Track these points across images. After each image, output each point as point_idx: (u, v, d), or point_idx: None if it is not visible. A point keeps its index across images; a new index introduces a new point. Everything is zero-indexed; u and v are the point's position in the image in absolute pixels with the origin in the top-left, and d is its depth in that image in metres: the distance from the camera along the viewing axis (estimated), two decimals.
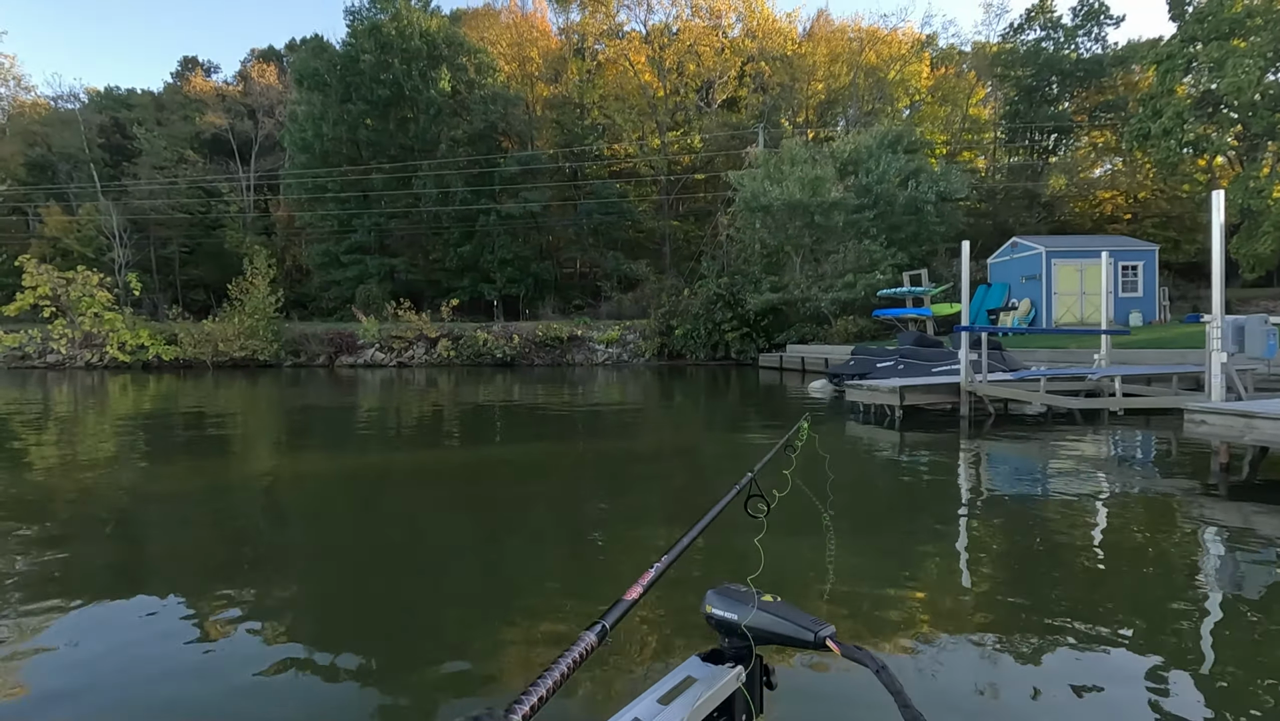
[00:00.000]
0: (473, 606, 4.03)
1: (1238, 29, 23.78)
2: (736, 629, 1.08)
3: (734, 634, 1.09)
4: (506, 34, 46.56)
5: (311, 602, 4.19)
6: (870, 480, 7.28)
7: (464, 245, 39.84)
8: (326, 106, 39.05)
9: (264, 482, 7.68)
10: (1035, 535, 5.05)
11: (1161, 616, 3.62)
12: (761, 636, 1.07)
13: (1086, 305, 22.06)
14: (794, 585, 4.06)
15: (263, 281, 30.86)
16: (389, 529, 5.70)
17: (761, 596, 1.11)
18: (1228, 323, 6.34)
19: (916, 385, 10.93)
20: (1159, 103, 25.60)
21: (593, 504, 6.58)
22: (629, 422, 12.95)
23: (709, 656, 1.12)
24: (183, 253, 46.17)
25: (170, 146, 47.31)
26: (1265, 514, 5.28)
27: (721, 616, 1.10)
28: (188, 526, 5.85)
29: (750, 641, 1.09)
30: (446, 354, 30.93)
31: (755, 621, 1.07)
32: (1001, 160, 45.68)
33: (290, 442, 11.04)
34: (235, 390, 20.45)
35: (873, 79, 43.17)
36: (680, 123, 45.18)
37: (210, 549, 5.18)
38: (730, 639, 1.11)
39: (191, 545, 5.30)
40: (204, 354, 30.23)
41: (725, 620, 1.09)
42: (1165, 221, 38.11)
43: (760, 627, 1.06)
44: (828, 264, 26.30)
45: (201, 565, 4.80)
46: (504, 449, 10.02)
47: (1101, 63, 39.90)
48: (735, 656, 1.11)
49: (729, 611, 1.09)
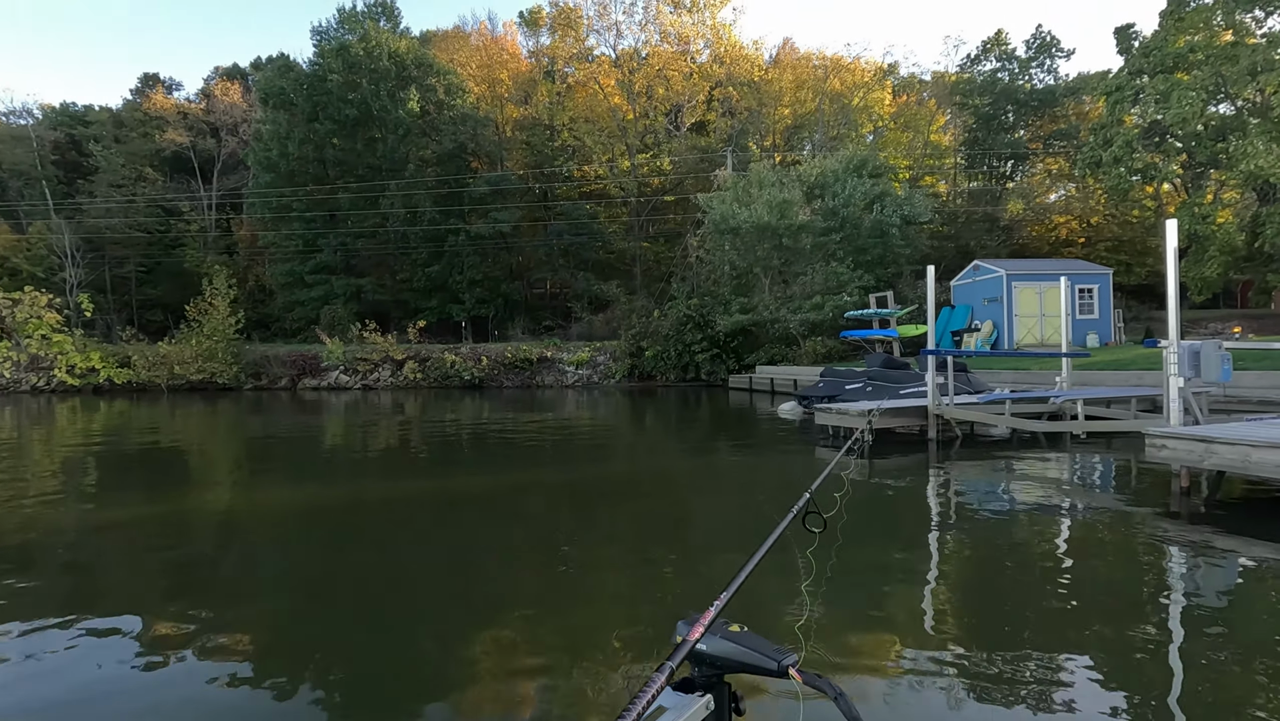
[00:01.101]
0: (444, 637, 3.91)
1: (1181, 63, 24.91)
2: (705, 658, 1.10)
3: (703, 663, 1.11)
4: (476, 56, 46.67)
5: (273, 638, 4.01)
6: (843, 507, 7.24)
7: (432, 265, 39.45)
8: (292, 125, 38.56)
9: (222, 514, 7.37)
10: (1003, 560, 5.05)
11: (1126, 641, 3.62)
12: (727, 665, 1.10)
13: (1046, 327, 22.62)
14: (762, 611, 4.01)
15: (222, 302, 30.10)
16: (353, 559, 5.50)
17: (728, 626, 1.14)
18: (1184, 348, 6.50)
19: (885, 408, 11.01)
20: (1109, 132, 26.60)
21: (564, 531, 6.43)
22: (600, 446, 12.80)
23: (679, 685, 1.13)
24: (140, 272, 44.90)
25: (129, 164, 46.19)
26: (1224, 536, 5.36)
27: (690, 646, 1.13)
28: (140, 561, 5.54)
29: (720, 670, 1.11)
30: (413, 376, 30.43)
31: (721, 650, 1.09)
32: (962, 185, 47.02)
33: (250, 470, 10.65)
34: (192, 415, 19.77)
35: (837, 105, 44.21)
36: (650, 145, 45.62)
37: (164, 584, 4.93)
38: (700, 667, 1.13)
39: (144, 582, 5.01)
40: (159, 377, 29.27)
41: (694, 650, 1.10)
42: (1117, 245, 39.56)
43: (726, 656, 1.09)
44: (796, 285, 26.60)
45: (155, 601, 4.56)
46: (472, 475, 9.79)
47: (1054, 93, 41.51)
48: (705, 685, 1.13)
49: (689, 650, 1.11)
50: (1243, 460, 5.37)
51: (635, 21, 44.57)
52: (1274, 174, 21.83)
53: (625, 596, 4.65)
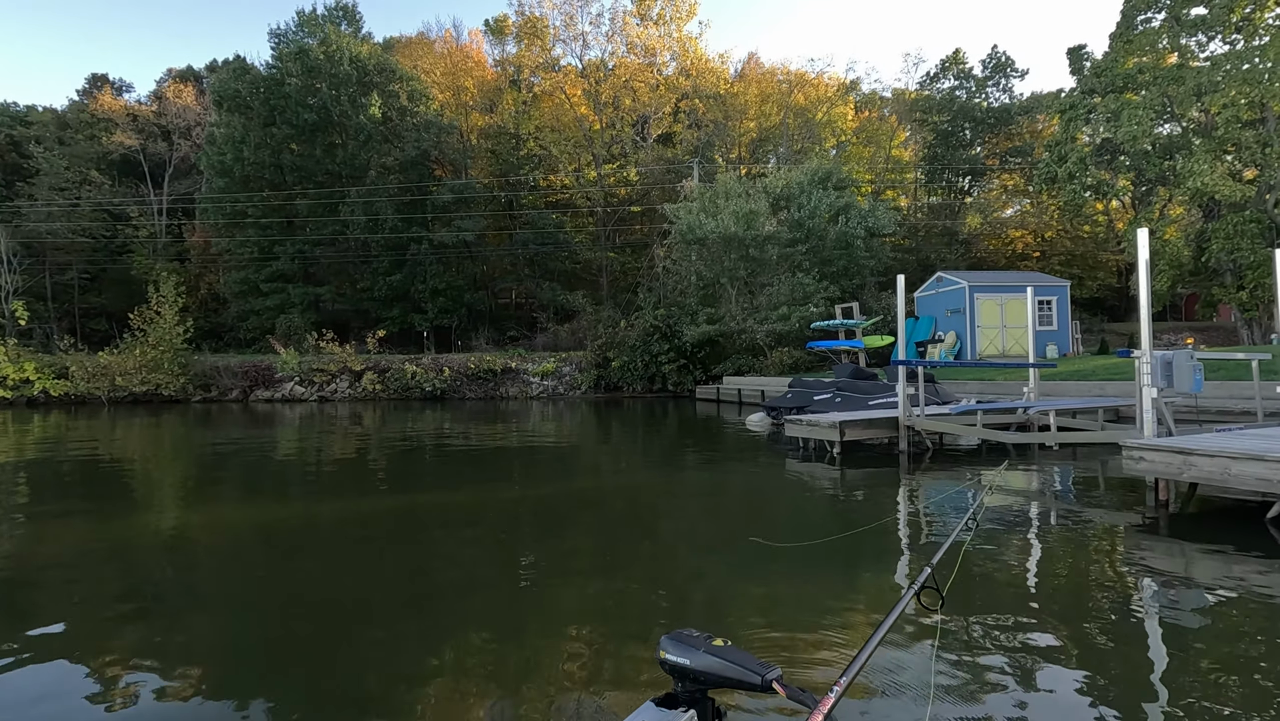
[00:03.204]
0: (399, 665, 3.63)
1: (1130, 83, 25.75)
2: (689, 673, 1.10)
3: (686, 678, 1.11)
4: (441, 63, 46.05)
5: (222, 666, 3.70)
6: (819, 521, 7.02)
7: (394, 274, 38.57)
8: (248, 129, 37.41)
9: (165, 536, 6.82)
10: (980, 573, 4.86)
11: (1104, 654, 3.51)
12: (711, 680, 1.09)
13: (1007, 338, 23.00)
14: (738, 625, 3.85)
15: (169, 309, 28.82)
16: (304, 581, 5.15)
17: (712, 641, 1.12)
18: (1157, 358, 6.46)
19: (856, 420, 10.88)
20: (1064, 149, 27.33)
21: (527, 551, 6.06)
22: (565, 459, 12.41)
23: (663, 701, 1.12)
24: (84, 279, 43.00)
25: (73, 166, 44.27)
26: (1201, 549, 5.26)
27: (674, 661, 1.11)
28: (73, 588, 5.00)
29: (703, 685, 1.10)
30: (372, 387, 29.55)
31: (705, 665, 1.08)
32: (922, 199, 48.01)
33: (195, 487, 9.99)
34: (134, 429, 18.76)
35: (801, 119, 44.77)
36: (616, 155, 45.52)
37: (102, 614, 4.45)
38: (683, 683, 1.12)
39: (80, 612, 4.48)
40: (99, 388, 27.85)
41: (678, 665, 1.10)
42: (1070, 259, 40.83)
43: (710, 671, 1.08)
44: (762, 296, 26.62)
45: (92, 632, 4.16)
46: (431, 491, 9.32)
47: (1009, 111, 42.75)
48: (689, 700, 1.12)
49: (681, 656, 1.10)
50: (1222, 472, 5.29)
51: (602, 32, 44.63)
52: (1217, 191, 22.62)
53: (589, 614, 4.46)
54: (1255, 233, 23.27)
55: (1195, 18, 24.76)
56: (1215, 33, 24.87)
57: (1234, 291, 24.79)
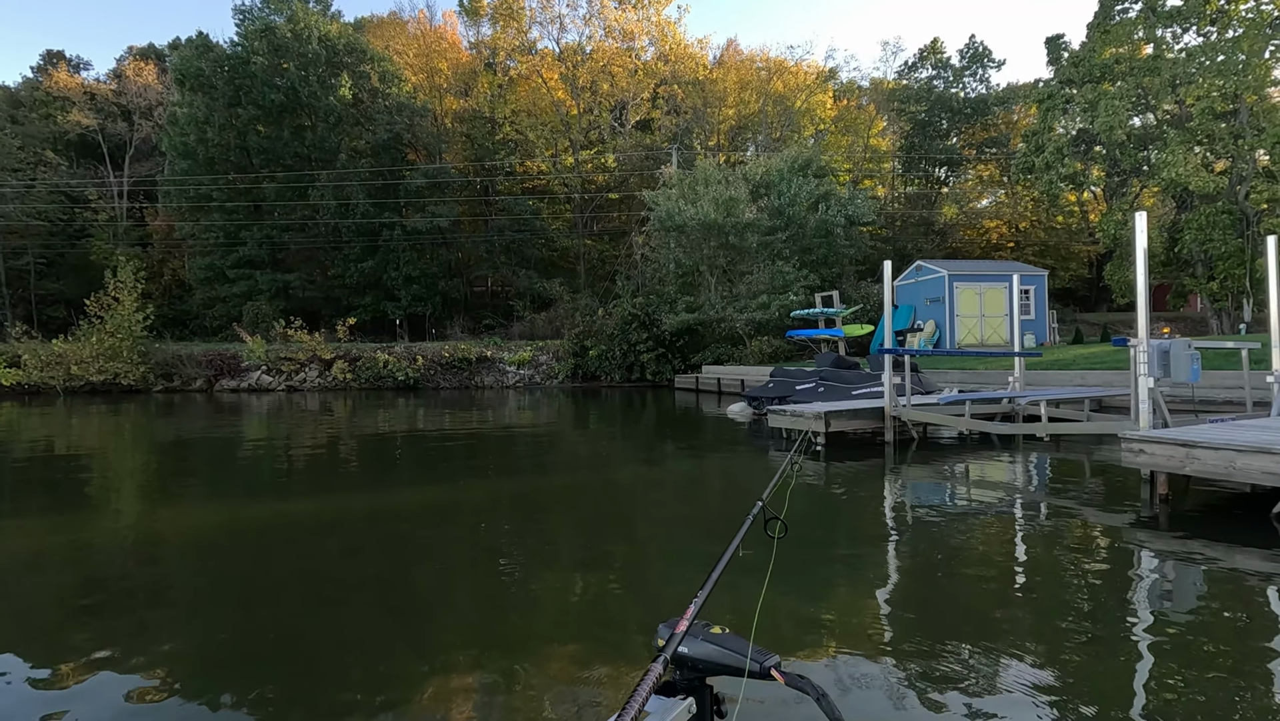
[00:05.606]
0: (377, 657, 3.54)
1: (1107, 74, 25.82)
2: (686, 661, 1.08)
3: (684, 666, 1.09)
4: (414, 44, 44.88)
5: (192, 666, 3.54)
6: (807, 514, 6.75)
7: (366, 261, 37.63)
8: (212, 109, 36.06)
9: (125, 534, 6.40)
10: (975, 567, 4.63)
11: (1100, 649, 3.40)
12: (709, 667, 1.08)
13: (986, 327, 23.02)
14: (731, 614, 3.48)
15: (128, 296, 27.72)
16: (275, 579, 4.88)
17: (710, 628, 1.11)
18: (1153, 347, 6.27)
19: (841, 410, 10.65)
20: (1041, 139, 27.38)
21: (505, 545, 5.71)
22: (542, 450, 12.03)
23: (661, 689, 1.09)
24: (40, 265, 41.30)
25: (27, 146, 42.41)
26: (1199, 540, 5.08)
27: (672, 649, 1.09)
28: (38, 591, 4.54)
29: (701, 672, 1.09)
30: (343, 376, 28.79)
31: (702, 652, 1.07)
32: (899, 189, 48.09)
33: (158, 482, 9.43)
34: (91, 420, 17.95)
35: (780, 107, 44.49)
36: (594, 141, 44.84)
37: (57, 616, 4.11)
38: (681, 670, 1.10)
39: (43, 614, 4.04)
40: (53, 378, 26.72)
41: (676, 652, 1.07)
42: (1044, 250, 41.21)
43: (707, 658, 1.07)
44: (742, 284, 26.36)
45: (59, 636, 3.91)
46: (404, 485, 8.88)
47: (986, 102, 42.89)
48: (686, 688, 1.10)
49: (679, 644, 1.08)
50: (1227, 466, 5.09)
51: (579, 15, 43.80)
52: (1191, 183, 22.80)
53: (571, 607, 4.34)
54: (1227, 224, 23.53)
55: (1171, 9, 24.86)
56: (1190, 24, 24.99)
57: (1204, 282, 25.09)
